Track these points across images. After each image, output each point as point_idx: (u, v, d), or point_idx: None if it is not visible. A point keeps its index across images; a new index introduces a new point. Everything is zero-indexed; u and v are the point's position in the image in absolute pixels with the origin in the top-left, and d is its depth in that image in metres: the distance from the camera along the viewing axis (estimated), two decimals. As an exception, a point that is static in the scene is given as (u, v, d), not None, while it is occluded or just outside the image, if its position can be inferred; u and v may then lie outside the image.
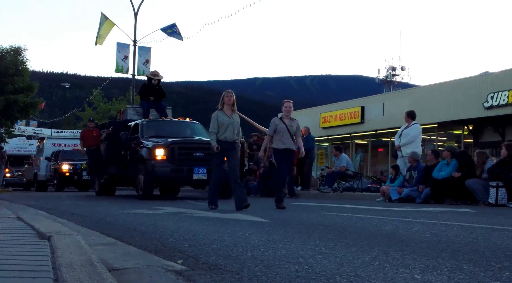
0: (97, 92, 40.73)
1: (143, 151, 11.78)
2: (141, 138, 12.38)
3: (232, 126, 8.18)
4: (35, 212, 6.66)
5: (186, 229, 4.80)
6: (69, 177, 21.68)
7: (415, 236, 4.22)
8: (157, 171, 11.28)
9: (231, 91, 8.35)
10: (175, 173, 11.36)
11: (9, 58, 21.19)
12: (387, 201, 11.17)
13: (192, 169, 11.30)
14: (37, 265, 2.45)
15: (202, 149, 11.49)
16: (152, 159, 11.32)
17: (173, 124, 13.78)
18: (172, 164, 11.27)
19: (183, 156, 11.41)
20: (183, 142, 11.84)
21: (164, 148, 11.40)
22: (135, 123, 13.49)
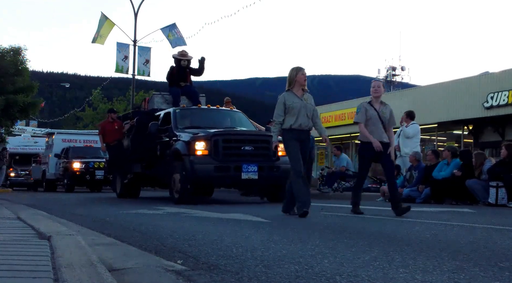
0: (96, 92, 40.71)
1: (178, 145, 9.76)
2: (174, 130, 10.38)
3: (305, 110, 6.56)
4: (35, 212, 6.67)
5: (186, 229, 4.80)
6: (81, 177, 19.58)
7: (415, 236, 4.22)
8: (197, 169, 9.30)
9: (304, 68, 6.76)
10: (220, 172, 9.38)
11: (9, 58, 21.17)
12: (387, 201, 11.15)
13: (240, 167, 9.31)
14: (37, 265, 2.45)
15: (252, 142, 9.69)
16: (190, 154, 9.36)
17: (211, 112, 11.69)
18: (215, 160, 9.30)
19: (230, 151, 9.51)
20: (229, 133, 9.97)
21: (206, 140, 9.43)
22: (165, 112, 11.38)
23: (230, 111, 11.99)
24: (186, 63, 12.44)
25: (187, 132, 9.99)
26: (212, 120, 11.22)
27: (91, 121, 39.48)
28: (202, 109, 11.74)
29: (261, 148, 9.65)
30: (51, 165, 22.02)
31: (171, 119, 10.77)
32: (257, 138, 9.91)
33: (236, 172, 9.34)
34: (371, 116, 6.97)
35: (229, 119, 11.61)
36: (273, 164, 9.57)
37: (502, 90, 17.99)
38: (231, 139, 9.68)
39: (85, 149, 21.31)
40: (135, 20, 25.27)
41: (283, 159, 9.08)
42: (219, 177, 9.52)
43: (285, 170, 8.99)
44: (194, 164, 9.29)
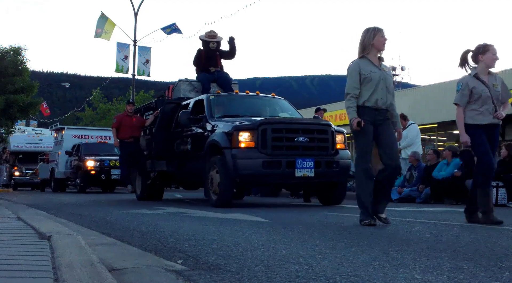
0: (96, 92, 40.72)
1: (216, 137, 8.23)
2: (210, 119, 8.91)
3: (385, 82, 5.17)
4: (35, 212, 6.67)
5: (186, 229, 4.80)
6: (95, 176, 17.80)
7: (415, 236, 4.22)
8: (241, 165, 7.79)
9: (383, 30, 5.21)
10: (269, 168, 7.82)
11: (9, 58, 21.19)
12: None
13: (293, 162, 7.80)
14: (37, 265, 2.45)
15: (307, 132, 8.12)
16: (232, 147, 7.88)
17: (251, 99, 10.12)
18: (264, 154, 7.80)
19: (281, 142, 7.94)
20: (280, 121, 8.36)
21: (251, 130, 7.91)
22: (196, 100, 9.87)
23: (272, 98, 10.35)
24: (215, 45, 10.98)
25: (226, 122, 8.50)
26: (253, 107, 9.70)
27: (91, 121, 39.47)
28: (240, 95, 10.12)
29: (317, 140, 8.20)
30: (61, 163, 20.24)
31: (205, 107, 9.23)
32: (313, 127, 8.32)
33: (289, 169, 7.81)
34: (480, 92, 5.35)
35: (272, 107, 10.08)
36: (332, 159, 8.18)
37: (502, 90, 17.97)
38: (282, 129, 8.03)
39: (98, 146, 19.60)
40: (135, 20, 25.28)
41: (342, 153, 8.39)
42: (268, 174, 7.94)
43: (345, 166, 8.37)
44: (237, 159, 7.79)
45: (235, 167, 7.80)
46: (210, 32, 11.16)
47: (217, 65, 10.98)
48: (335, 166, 8.18)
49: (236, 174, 7.88)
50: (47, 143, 26.49)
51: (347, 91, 5.16)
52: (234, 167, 7.80)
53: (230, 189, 8.10)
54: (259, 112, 9.49)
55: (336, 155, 8.27)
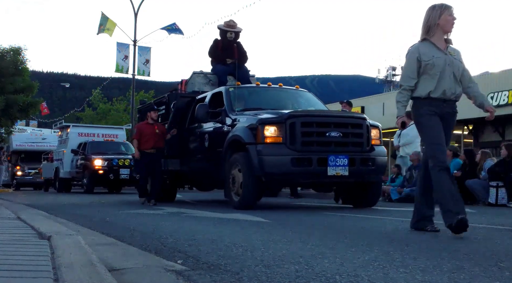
0: (96, 92, 40.73)
1: (239, 131, 7.57)
2: (230, 113, 8.21)
3: (452, 68, 4.40)
4: (35, 212, 6.67)
5: (186, 229, 4.80)
6: (103, 176, 16.93)
7: (415, 236, 4.21)
8: (268, 162, 7.09)
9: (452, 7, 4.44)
10: (299, 165, 7.12)
11: (9, 58, 21.19)
12: (387, 201, 11.17)
13: (325, 159, 7.12)
14: (37, 265, 2.45)
15: (340, 126, 7.42)
16: (257, 142, 7.17)
17: (274, 92, 9.37)
18: (293, 150, 7.11)
19: (311, 137, 7.25)
20: (310, 114, 7.63)
21: (279, 124, 7.21)
22: (213, 92, 9.10)
23: (296, 90, 9.64)
24: (233, 36, 10.29)
25: (249, 115, 7.82)
26: (276, 101, 8.97)
27: (91, 121, 39.48)
28: (262, 87, 9.38)
29: (351, 134, 7.52)
30: (66, 162, 19.39)
31: (224, 100, 8.53)
32: (346, 120, 7.62)
33: (320, 166, 7.11)
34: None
35: (297, 100, 9.26)
36: (368, 156, 7.51)
37: (502, 90, 18.02)
38: (313, 122, 7.33)
39: (105, 144, 18.68)
40: (135, 20, 25.29)
41: (378, 149, 7.76)
42: (297, 173, 7.23)
43: (381, 164, 7.73)
44: (263, 156, 7.09)
45: (261, 165, 7.09)
46: (229, 21, 10.55)
47: (234, 57, 10.28)
48: (371, 164, 7.52)
49: (261, 173, 7.16)
50: (50, 142, 25.91)
51: (400, 82, 4.52)
52: (260, 165, 7.09)
53: (254, 190, 7.40)
54: (282, 105, 8.71)
55: (372, 151, 7.61)
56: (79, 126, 22.74)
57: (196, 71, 10.52)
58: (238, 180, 7.50)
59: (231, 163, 7.67)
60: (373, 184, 7.91)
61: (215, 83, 10.16)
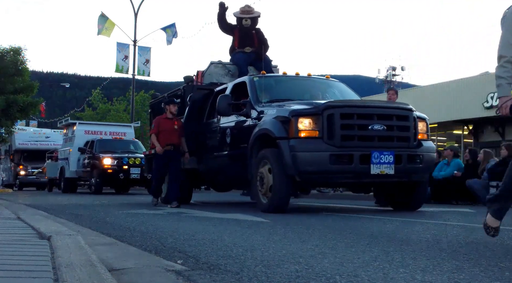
0: (96, 92, 40.75)
1: (268, 125, 6.83)
2: (255, 104, 7.45)
3: None
4: (35, 212, 6.67)
5: (186, 229, 4.80)
6: (112, 175, 16.16)
7: (415, 236, 4.22)
8: (302, 159, 6.34)
9: None
10: (338, 163, 6.38)
11: (9, 58, 21.21)
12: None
13: (368, 156, 6.38)
14: (37, 265, 2.45)
15: (384, 118, 6.66)
16: (290, 137, 6.43)
17: (303, 82, 8.57)
18: (331, 145, 6.35)
19: (352, 131, 6.49)
20: (349, 105, 6.77)
21: (314, 116, 6.44)
22: (235, 83, 8.39)
23: (327, 80, 8.78)
24: (249, 22, 9.48)
25: (279, 106, 7.06)
26: (305, 91, 8.23)
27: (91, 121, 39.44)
28: (289, 77, 8.52)
29: (397, 127, 6.74)
30: (72, 161, 18.57)
31: (249, 90, 7.76)
32: (391, 111, 6.80)
33: (363, 164, 6.38)
34: None
35: (329, 91, 8.43)
36: (415, 152, 6.78)
37: (502, 90, 17.99)
38: (353, 114, 6.53)
39: (114, 143, 17.98)
40: (135, 20, 25.31)
41: (426, 144, 7.00)
42: (336, 171, 6.47)
43: (429, 161, 6.98)
44: (297, 152, 6.33)
45: (295, 162, 6.32)
46: (244, 7, 9.76)
47: (254, 45, 9.53)
48: (419, 161, 6.78)
49: (295, 171, 6.39)
50: (54, 141, 25.32)
51: (500, 53, 3.52)
52: (293, 162, 6.33)
53: (286, 191, 6.63)
54: (313, 96, 7.96)
55: (419, 147, 6.86)
56: (85, 123, 21.81)
57: (213, 61, 9.83)
58: (267, 179, 6.77)
59: (259, 161, 6.94)
60: (420, 184, 7.13)
61: (235, 74, 9.48)
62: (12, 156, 26.17)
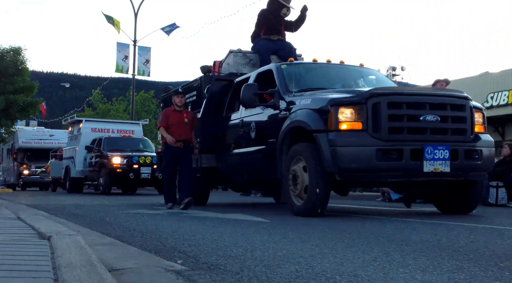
0: (96, 92, 40.77)
1: (301, 116, 6.09)
2: (285, 94, 6.71)
3: None
4: (35, 212, 6.67)
5: (186, 229, 4.80)
6: (122, 175, 15.43)
7: (415, 236, 4.21)
8: (344, 155, 5.58)
9: None
10: (386, 159, 5.61)
11: (9, 58, 21.21)
12: (387, 201, 11.17)
13: (420, 151, 5.61)
14: (37, 265, 2.45)
15: (437, 108, 5.84)
16: (328, 129, 5.69)
17: (334, 70, 7.76)
18: (377, 139, 5.58)
19: (400, 123, 5.70)
20: (397, 92, 5.97)
21: (357, 105, 5.67)
22: (261, 72, 7.67)
23: (362, 68, 8.00)
24: (287, 13, 8.92)
25: (313, 96, 6.29)
26: (339, 80, 7.44)
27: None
28: (321, 64, 7.76)
29: (452, 119, 5.91)
30: (78, 160, 17.85)
31: (276, 79, 7.04)
32: (445, 100, 5.95)
33: (414, 160, 5.60)
34: None
35: (365, 81, 7.64)
36: (473, 147, 6.00)
37: (502, 90, 18.05)
38: (402, 102, 5.73)
39: (122, 141, 17.24)
40: (135, 20, 25.32)
41: (484, 138, 6.18)
42: (384, 169, 5.66)
43: (489, 157, 6.17)
44: (337, 147, 5.59)
45: (335, 159, 5.58)
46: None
47: (280, 34, 8.97)
48: (477, 157, 6.00)
49: (335, 169, 5.63)
50: (59, 139, 24.64)
51: None
52: (333, 159, 5.59)
53: (325, 191, 5.88)
54: (346, 86, 7.18)
55: (477, 141, 6.06)
56: (92, 120, 20.86)
57: (233, 50, 9.07)
58: (301, 178, 6.02)
59: (291, 157, 6.22)
60: (476, 184, 6.35)
61: (256, 64, 8.74)
62: (15, 155, 25.47)
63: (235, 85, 8.27)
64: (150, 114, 36.05)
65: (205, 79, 8.81)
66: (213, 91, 8.49)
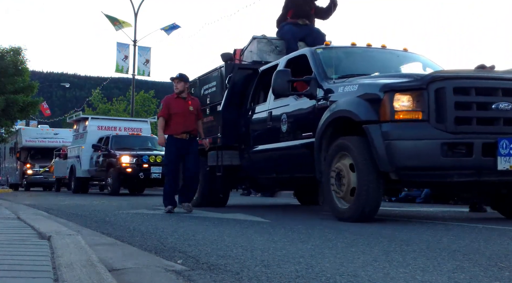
0: (96, 92, 40.78)
1: (347, 105, 5.29)
2: (323, 81, 5.94)
3: None
4: (35, 212, 6.67)
5: (186, 229, 4.80)
6: (132, 174, 14.77)
7: (415, 236, 4.21)
8: (403, 150, 4.78)
9: None
10: (452, 155, 4.79)
11: (9, 58, 21.24)
12: (387, 201, 11.18)
13: (493, 145, 4.79)
14: (37, 265, 2.45)
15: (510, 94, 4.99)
16: (381, 120, 4.91)
17: (376, 55, 7.00)
18: (442, 131, 4.79)
19: (469, 111, 4.90)
20: (464, 76, 5.14)
21: (416, 91, 4.87)
22: (291, 57, 6.93)
23: (406, 53, 7.12)
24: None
25: (359, 82, 5.48)
26: (383, 67, 6.60)
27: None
28: (361, 48, 6.96)
29: None
30: (84, 159, 17.18)
31: (312, 65, 6.27)
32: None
33: (486, 156, 4.78)
34: None
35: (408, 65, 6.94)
36: None
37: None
38: (471, 88, 4.94)
39: (131, 139, 16.70)
40: (135, 20, 25.34)
41: None
42: (450, 167, 4.84)
43: None
44: (394, 140, 4.80)
45: (391, 155, 4.79)
46: None
47: (309, 20, 8.23)
48: None
49: (391, 167, 4.85)
50: (64, 138, 23.93)
51: None
52: (389, 155, 4.79)
53: (378, 193, 5.07)
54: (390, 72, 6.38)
55: None
56: (99, 118, 20.04)
57: (256, 36, 8.26)
58: (347, 178, 5.23)
59: (334, 153, 5.43)
60: None
61: (283, 51, 7.99)
62: (19, 154, 24.78)
63: (260, 74, 7.55)
64: (150, 114, 36.06)
65: (226, 68, 7.93)
66: (235, 81, 7.72)
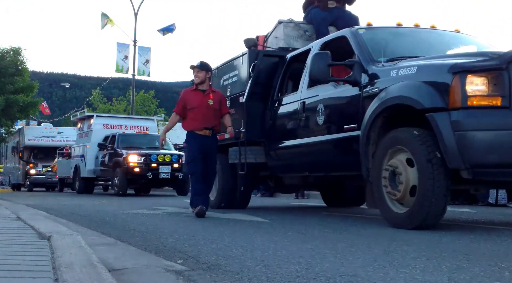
0: (96, 93, 40.75)
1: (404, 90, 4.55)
2: (368, 65, 5.19)
3: None
4: (35, 212, 6.66)
5: (186, 229, 4.80)
6: (140, 174, 14.17)
7: (415, 236, 4.21)
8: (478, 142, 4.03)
9: None
10: None
11: (9, 58, 21.27)
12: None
13: None
14: (37, 265, 2.45)
15: None
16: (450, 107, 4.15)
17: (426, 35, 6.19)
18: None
19: None
20: None
21: (493, 72, 4.11)
22: (327, 40, 6.22)
23: (458, 34, 6.35)
24: None
25: (418, 63, 4.70)
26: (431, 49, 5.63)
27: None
28: (408, 29, 6.17)
29: None
30: (89, 158, 16.60)
31: (354, 48, 5.53)
32: None
33: None
34: None
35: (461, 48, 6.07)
36: None
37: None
38: None
39: (138, 137, 16.09)
40: (135, 20, 25.34)
41: None
42: None
43: None
44: (468, 131, 4.07)
45: (463, 148, 4.05)
46: None
47: (339, 1, 7.64)
48: None
49: (465, 163, 4.07)
50: (67, 137, 23.28)
51: None
52: (461, 148, 4.05)
53: (444, 194, 4.28)
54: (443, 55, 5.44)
55: None
56: (104, 116, 19.47)
57: (283, 20, 7.52)
58: (405, 176, 4.45)
59: (386, 148, 4.69)
60: None
61: (312, 36, 7.33)
62: (21, 153, 24.15)
63: (288, 61, 6.84)
64: (150, 114, 36.07)
65: (250, 55, 7.15)
66: (260, 69, 6.97)
